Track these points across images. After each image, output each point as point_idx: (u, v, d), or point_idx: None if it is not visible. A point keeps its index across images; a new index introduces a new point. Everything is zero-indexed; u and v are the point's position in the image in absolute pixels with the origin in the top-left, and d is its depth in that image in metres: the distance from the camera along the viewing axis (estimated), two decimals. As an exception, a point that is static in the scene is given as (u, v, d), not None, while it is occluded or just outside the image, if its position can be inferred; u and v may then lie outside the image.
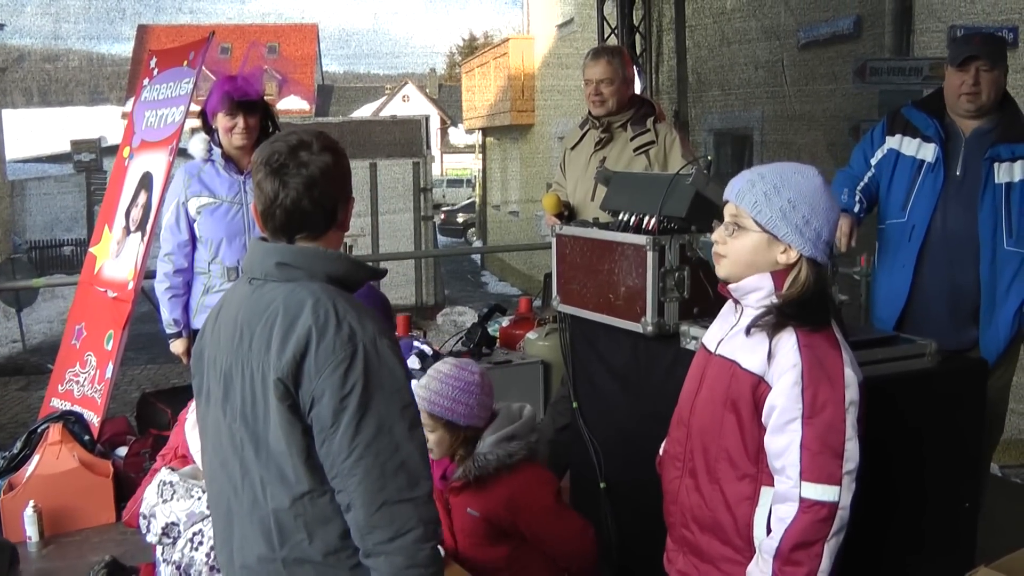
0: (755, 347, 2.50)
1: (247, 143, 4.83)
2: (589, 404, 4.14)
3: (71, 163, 32.01)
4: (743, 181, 2.54)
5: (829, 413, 2.40)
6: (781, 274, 2.52)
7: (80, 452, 5.36)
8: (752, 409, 2.50)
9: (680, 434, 2.72)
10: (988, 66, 4.07)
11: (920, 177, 4.21)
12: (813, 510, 2.38)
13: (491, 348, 7.19)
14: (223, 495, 2.44)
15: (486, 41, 52.50)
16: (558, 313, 4.26)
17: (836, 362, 2.45)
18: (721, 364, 2.60)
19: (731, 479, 2.55)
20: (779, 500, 2.45)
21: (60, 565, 4.85)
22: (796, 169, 2.55)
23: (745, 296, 2.56)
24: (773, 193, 2.48)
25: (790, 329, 2.46)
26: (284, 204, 2.32)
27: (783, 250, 2.49)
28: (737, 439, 2.53)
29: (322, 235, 2.39)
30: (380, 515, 2.21)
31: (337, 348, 2.21)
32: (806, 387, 2.40)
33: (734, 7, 10.40)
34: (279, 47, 56.11)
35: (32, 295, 13.85)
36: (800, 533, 2.39)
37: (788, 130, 9.81)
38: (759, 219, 2.49)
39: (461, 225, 36.99)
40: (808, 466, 2.38)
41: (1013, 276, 4.10)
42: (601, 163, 4.80)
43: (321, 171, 2.32)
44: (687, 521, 2.67)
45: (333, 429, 2.21)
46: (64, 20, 27.11)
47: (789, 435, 2.41)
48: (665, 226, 3.62)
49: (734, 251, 2.54)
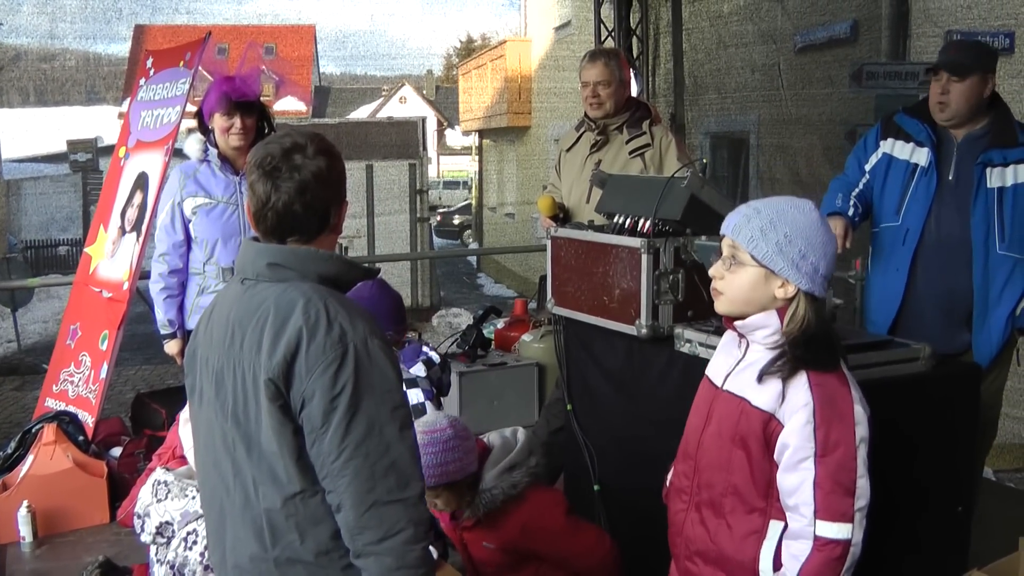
0: (765, 384, 2.49)
1: (244, 144, 4.83)
2: (583, 406, 4.14)
3: (67, 163, 31.98)
4: (739, 216, 2.53)
5: (841, 452, 2.41)
6: (783, 311, 2.51)
7: (74, 452, 5.36)
8: (762, 445, 2.49)
9: (687, 467, 2.71)
10: (956, 77, 4.09)
11: (914, 181, 4.22)
12: (828, 548, 2.40)
13: (486, 350, 7.21)
14: (216, 495, 2.44)
15: (483, 43, 52.53)
16: (553, 315, 4.26)
17: (846, 399, 2.46)
18: (729, 400, 2.58)
19: (739, 513, 2.55)
20: (792, 537, 2.46)
21: (54, 565, 4.83)
22: (792, 203, 2.54)
23: (752, 333, 2.56)
24: (769, 228, 2.47)
25: (788, 365, 2.46)
26: (276, 207, 2.33)
27: (780, 284, 2.49)
28: (746, 474, 2.52)
29: (314, 238, 2.39)
30: (369, 516, 2.21)
31: (327, 349, 2.21)
32: (818, 426, 2.41)
33: (731, 11, 10.39)
34: (276, 48, 56.11)
35: (27, 295, 13.82)
36: (815, 571, 2.40)
37: (784, 134, 9.81)
38: (755, 254, 2.48)
39: (457, 227, 37.00)
40: (822, 504, 2.40)
41: (1006, 280, 4.12)
42: (597, 165, 4.80)
43: (314, 175, 2.33)
44: (691, 554, 2.67)
45: (323, 430, 2.21)
46: (60, 19, 27.13)
47: (802, 473, 2.42)
48: (660, 229, 3.63)
49: (732, 286, 2.53)
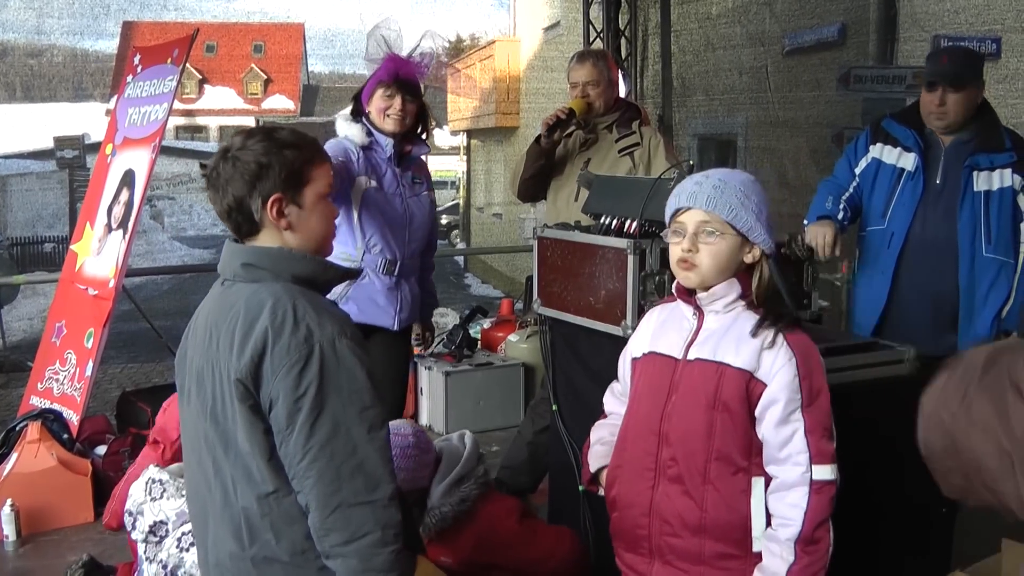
0: (739, 346, 2.56)
1: (399, 129, 4.43)
2: (569, 406, 4.14)
3: (54, 160, 31.92)
4: (708, 188, 2.58)
5: (822, 398, 2.56)
6: (743, 277, 2.61)
7: (58, 451, 5.33)
8: (744, 405, 2.56)
9: (648, 444, 2.70)
10: (953, 88, 4.12)
11: (900, 185, 4.25)
12: (824, 490, 2.51)
13: (472, 350, 7.22)
14: (199, 493, 2.45)
15: (472, 43, 52.45)
16: (539, 316, 4.26)
17: (815, 350, 2.60)
18: (702, 367, 2.61)
19: (726, 476, 2.58)
20: (784, 488, 2.53)
21: (37, 564, 4.82)
22: (740, 172, 2.67)
23: (712, 303, 2.62)
24: (743, 197, 2.56)
25: (771, 325, 2.56)
26: (220, 207, 2.39)
27: (749, 250, 2.59)
28: (731, 437, 2.57)
29: (257, 235, 2.40)
30: (335, 518, 2.20)
31: (292, 349, 2.21)
32: (803, 378, 2.52)
33: (720, 13, 10.42)
34: (265, 46, 56.08)
35: (13, 292, 13.80)
36: (818, 513, 2.50)
37: (771, 136, 9.83)
38: (736, 223, 2.55)
39: (445, 227, 37.01)
40: (815, 450, 2.51)
41: (992, 282, 4.14)
42: (585, 164, 4.80)
43: (229, 174, 2.36)
44: (674, 529, 2.65)
45: (289, 431, 2.21)
46: (48, 15, 27.05)
47: (793, 424, 2.52)
48: (646, 230, 3.63)
49: (709, 256, 2.57)
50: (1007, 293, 4.17)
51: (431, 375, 6.87)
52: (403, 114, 4.39)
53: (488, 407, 6.79)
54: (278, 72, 55.43)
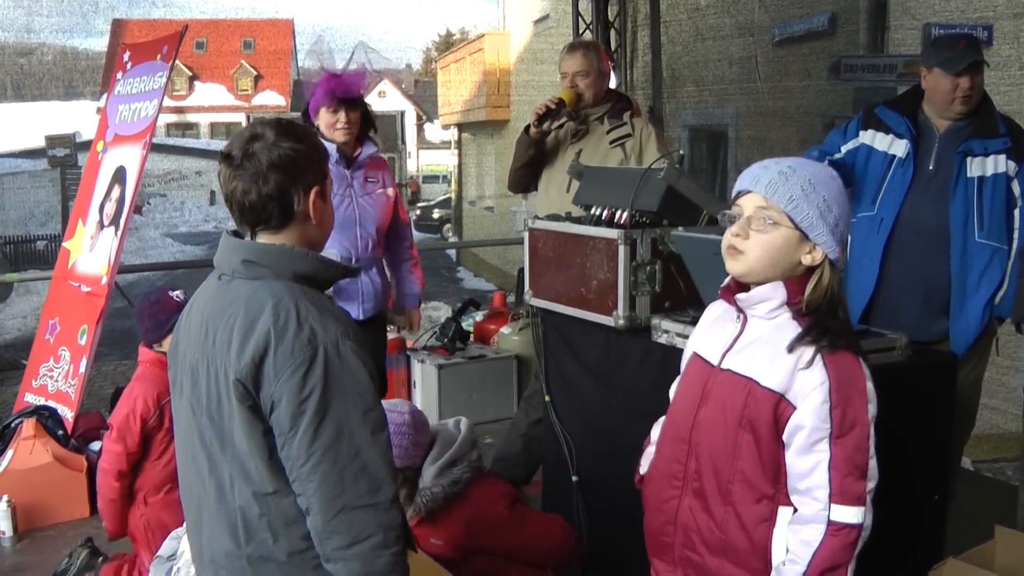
0: (772, 362, 2.33)
1: (349, 138, 4.77)
2: (561, 398, 4.15)
3: (45, 158, 31.82)
4: (773, 173, 2.34)
5: (857, 432, 2.29)
6: (793, 283, 2.35)
7: (54, 447, 5.34)
8: (772, 429, 2.34)
9: (678, 451, 2.53)
10: (978, 71, 4.18)
11: (890, 172, 4.26)
12: (842, 533, 2.28)
13: (465, 343, 7.22)
14: (193, 489, 2.42)
15: (462, 36, 52.44)
16: (531, 307, 4.26)
17: (860, 376, 2.33)
18: (733, 380, 2.41)
19: (747, 501, 2.40)
20: (801, 522, 2.32)
21: (34, 560, 4.83)
22: (821, 167, 2.40)
23: (754, 306, 2.40)
24: (810, 190, 2.30)
25: (812, 342, 2.31)
26: (236, 198, 2.29)
27: (809, 250, 2.33)
28: (754, 460, 2.37)
29: (282, 228, 2.33)
30: (338, 521, 2.17)
31: (296, 351, 2.16)
32: (835, 405, 2.27)
33: (708, 3, 10.43)
34: (254, 42, 55.92)
35: (6, 290, 13.79)
36: (829, 558, 2.27)
37: (762, 126, 9.85)
38: (794, 216, 2.30)
39: (437, 221, 37.06)
40: (837, 488, 2.27)
41: (984, 268, 4.15)
42: (577, 155, 4.80)
43: (270, 162, 2.26)
44: (693, 544, 2.51)
45: (291, 433, 2.17)
46: (37, 14, 26.95)
47: (816, 455, 2.29)
48: (637, 220, 3.64)
49: (759, 246, 2.33)
50: (1000, 279, 4.18)
51: (424, 368, 6.87)
52: (349, 124, 4.72)
53: (481, 400, 6.79)
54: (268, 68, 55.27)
